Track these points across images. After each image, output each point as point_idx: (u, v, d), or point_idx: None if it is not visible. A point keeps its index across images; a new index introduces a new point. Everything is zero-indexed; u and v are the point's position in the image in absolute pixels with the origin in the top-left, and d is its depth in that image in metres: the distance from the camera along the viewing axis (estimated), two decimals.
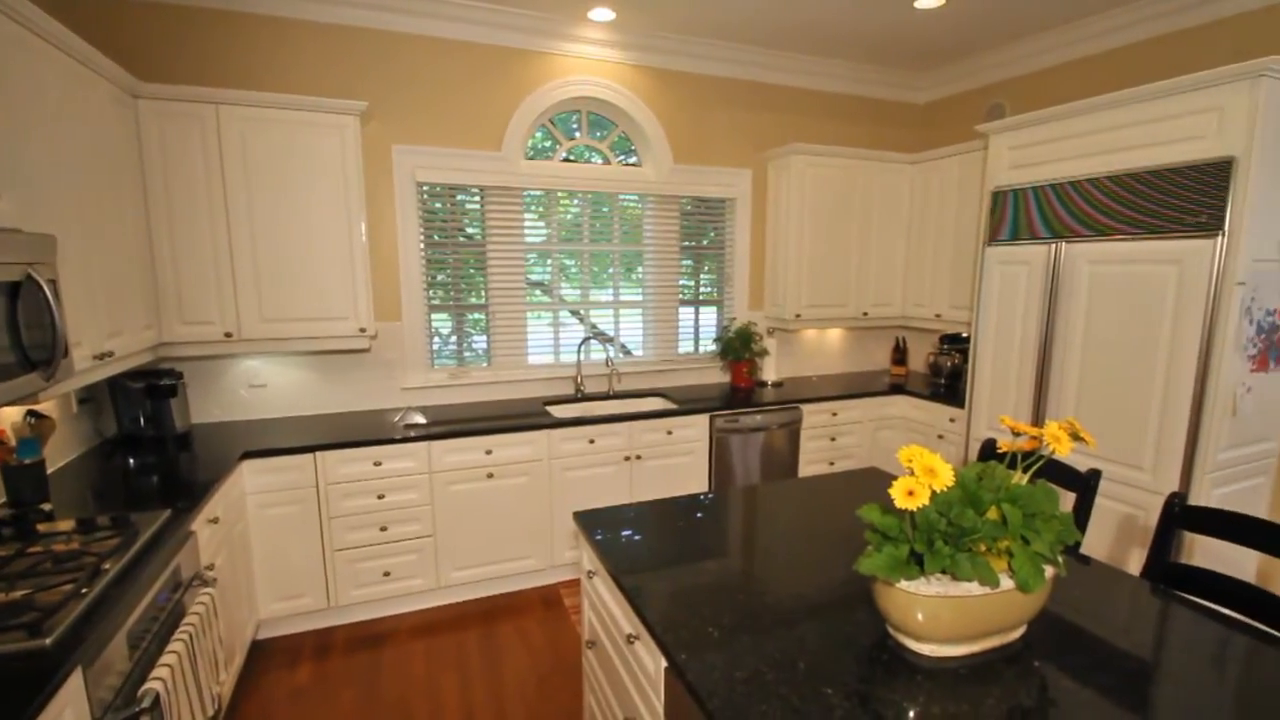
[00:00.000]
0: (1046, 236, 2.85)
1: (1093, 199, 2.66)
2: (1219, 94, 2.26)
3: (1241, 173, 2.22)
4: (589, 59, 3.45)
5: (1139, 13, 3.03)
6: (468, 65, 3.23)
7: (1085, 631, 1.31)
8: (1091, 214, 2.67)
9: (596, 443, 3.16)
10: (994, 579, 1.13)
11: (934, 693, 1.10)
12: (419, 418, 3.07)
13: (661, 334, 3.92)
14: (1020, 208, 2.96)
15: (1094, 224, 2.66)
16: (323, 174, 2.77)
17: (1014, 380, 3.07)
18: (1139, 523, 2.59)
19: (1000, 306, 3.11)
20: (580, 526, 1.82)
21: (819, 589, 1.46)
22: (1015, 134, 2.98)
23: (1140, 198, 2.50)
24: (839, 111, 4.15)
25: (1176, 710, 1.08)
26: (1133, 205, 2.52)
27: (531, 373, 3.57)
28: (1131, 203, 2.53)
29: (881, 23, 3.32)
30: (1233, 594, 1.48)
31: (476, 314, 3.50)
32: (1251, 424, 2.48)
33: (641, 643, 1.44)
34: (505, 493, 3.02)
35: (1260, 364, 2.42)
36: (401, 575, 2.89)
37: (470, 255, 3.42)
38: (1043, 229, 2.87)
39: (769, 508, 1.99)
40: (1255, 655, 1.25)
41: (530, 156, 3.51)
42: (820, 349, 4.35)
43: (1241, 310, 2.30)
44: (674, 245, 3.85)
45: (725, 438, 3.44)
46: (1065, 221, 2.77)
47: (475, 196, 3.38)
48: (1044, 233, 2.86)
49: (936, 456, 1.16)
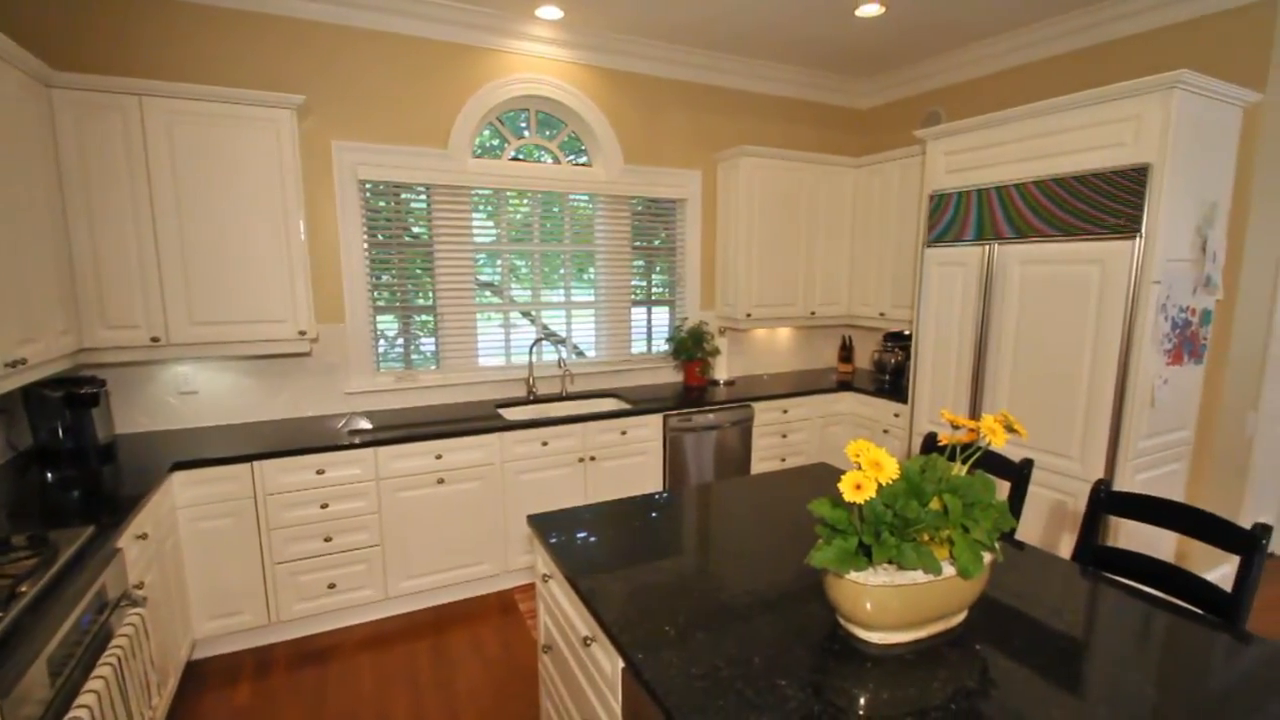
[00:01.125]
0: (981, 238, 2.98)
1: (1023, 202, 2.79)
2: (1136, 104, 2.41)
3: (1156, 178, 2.37)
4: (537, 57, 3.41)
5: (1065, 26, 3.21)
6: (411, 60, 3.15)
7: (1022, 614, 1.38)
8: (1022, 217, 2.80)
9: (550, 445, 3.13)
10: (937, 567, 1.17)
11: (883, 679, 1.14)
12: (364, 423, 2.98)
13: (614, 334, 3.92)
14: (956, 210, 3.09)
15: (1024, 226, 2.80)
16: (257, 170, 2.65)
17: (953, 376, 3.20)
18: (1068, 508, 2.74)
19: (939, 305, 3.24)
20: (535, 530, 1.80)
21: (772, 584, 1.49)
22: (951, 140, 3.11)
23: (1066, 201, 2.64)
24: (786, 115, 4.23)
25: (1105, 685, 1.14)
26: (1059, 209, 2.66)
27: (482, 375, 3.51)
28: (1058, 206, 2.67)
29: (824, 30, 3.41)
30: (1154, 574, 1.59)
31: (424, 315, 3.42)
32: (1168, 414, 2.65)
33: (598, 644, 1.43)
34: (457, 498, 2.96)
35: (1175, 358, 2.60)
36: (348, 587, 2.80)
37: (417, 255, 3.34)
38: (977, 231, 3.00)
39: (723, 505, 2.02)
40: (1174, 631, 1.33)
41: (478, 155, 3.45)
42: (770, 348, 4.43)
43: (1157, 307, 2.46)
44: (626, 246, 3.85)
45: (679, 437, 3.47)
46: (998, 224, 2.90)
47: (421, 195, 3.30)
48: (978, 234, 2.99)
49: (882, 451, 1.20)
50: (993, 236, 2.93)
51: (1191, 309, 2.61)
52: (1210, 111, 2.48)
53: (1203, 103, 2.43)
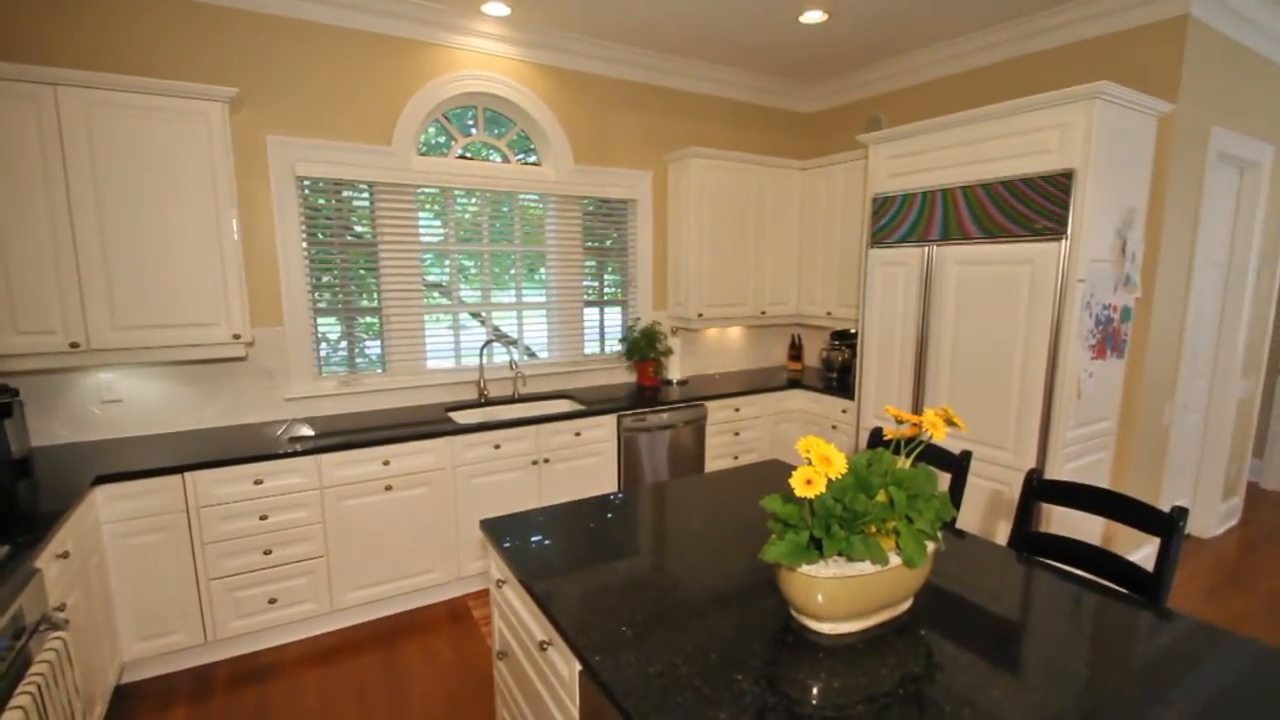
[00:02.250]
0: (920, 240, 3.09)
1: (959, 205, 2.91)
2: (1062, 113, 2.55)
3: (1080, 183, 2.51)
4: (485, 54, 3.36)
5: (996, 37, 3.36)
6: (352, 54, 3.05)
7: (963, 599, 1.43)
8: (958, 219, 2.92)
9: (502, 448, 3.08)
10: (884, 557, 1.21)
11: (834, 668, 1.17)
12: (306, 430, 2.87)
13: (566, 335, 3.89)
14: (898, 213, 3.19)
15: (961, 229, 2.92)
16: (186, 166, 2.51)
17: (896, 372, 3.31)
18: (1004, 497, 2.87)
19: (883, 304, 3.34)
20: (487, 535, 1.77)
21: (727, 579, 1.50)
22: (891, 145, 3.21)
23: (999, 205, 2.76)
24: (734, 118, 4.30)
25: (1041, 664, 1.20)
26: (993, 211, 2.79)
27: (431, 378, 3.43)
28: (992, 209, 2.79)
29: (770, 35, 3.47)
30: (1083, 557, 1.68)
31: (369, 317, 3.32)
32: (1093, 406, 2.81)
33: (555, 648, 1.42)
34: (405, 505, 2.88)
35: (1099, 352, 2.75)
36: (290, 601, 2.68)
37: (360, 255, 3.23)
38: (917, 233, 3.11)
39: (677, 504, 2.03)
40: (1102, 610, 1.41)
41: (423, 152, 3.37)
42: (722, 347, 4.49)
43: (1082, 305, 2.61)
44: (577, 246, 3.83)
45: (633, 437, 3.47)
46: (936, 226, 3.02)
47: (364, 193, 3.20)
48: (918, 236, 3.10)
49: (831, 446, 1.23)
50: (932, 238, 3.04)
51: (1113, 306, 2.78)
52: (1128, 120, 2.64)
53: (1121, 112, 2.58)
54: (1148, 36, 2.87)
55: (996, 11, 3.15)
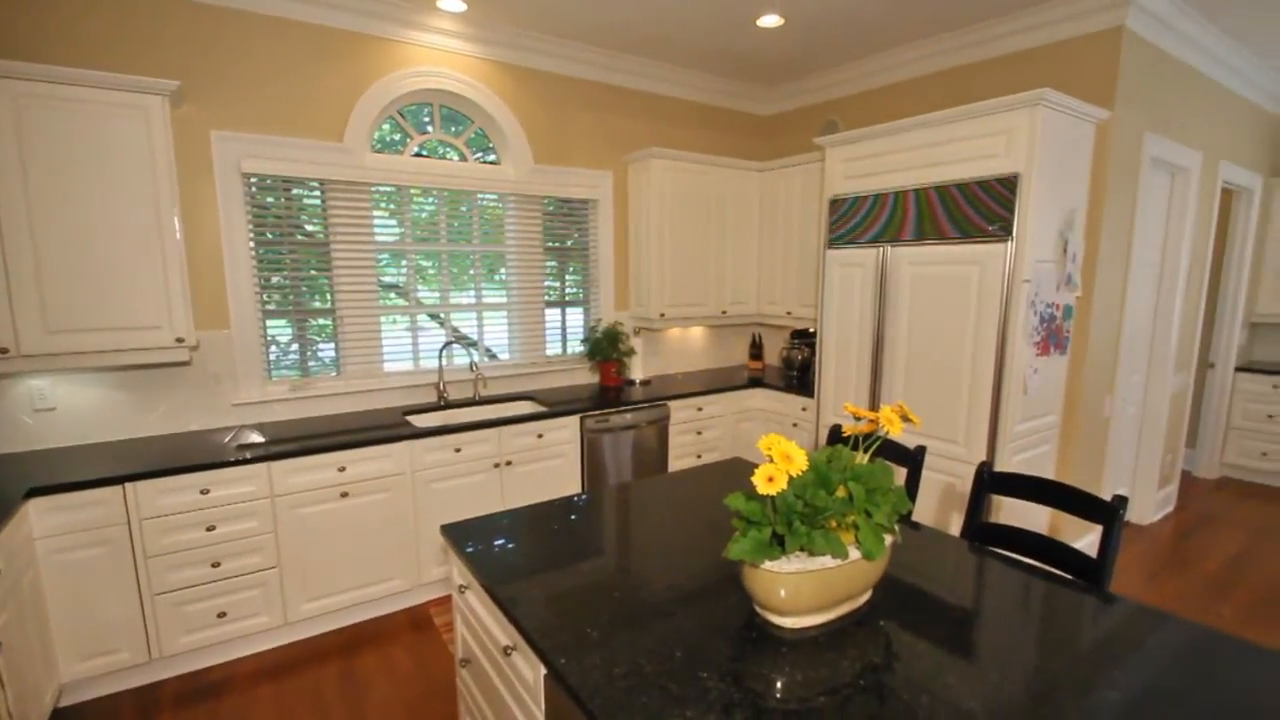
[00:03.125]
0: (876, 241, 3.17)
1: (912, 208, 2.99)
2: (1007, 118, 2.64)
3: (1025, 186, 2.61)
4: (441, 50, 3.30)
5: (945, 45, 3.47)
6: (301, 47, 2.96)
7: (919, 590, 1.47)
8: (911, 221, 3.00)
9: (463, 451, 3.03)
10: (844, 551, 1.23)
11: (797, 661, 1.18)
12: (255, 436, 2.77)
13: (528, 336, 3.85)
14: (854, 214, 3.27)
15: (913, 230, 3.00)
16: (125, 162, 2.39)
17: (854, 370, 3.38)
18: (957, 489, 2.96)
19: (840, 304, 3.41)
20: (449, 540, 1.74)
21: (692, 578, 1.51)
22: (847, 148, 3.28)
23: (950, 207, 2.85)
24: (695, 119, 4.32)
25: (993, 650, 1.24)
26: (943, 213, 2.87)
27: (388, 381, 3.35)
28: (942, 211, 2.88)
29: (728, 38, 3.51)
30: (1031, 545, 1.74)
31: (322, 319, 3.22)
32: (1039, 400, 2.93)
33: (519, 653, 1.40)
34: (363, 511, 2.80)
35: (1043, 349, 2.87)
36: (241, 614, 2.58)
37: (311, 255, 3.14)
38: (872, 234, 3.18)
39: (642, 504, 2.03)
40: (1050, 596, 1.47)
41: (377, 149, 3.29)
42: (684, 347, 4.51)
43: (1028, 304, 2.71)
44: (537, 246, 3.80)
45: (596, 438, 3.46)
46: (890, 227, 3.10)
47: (315, 191, 3.10)
48: (874, 237, 3.18)
49: (792, 444, 1.24)
50: (886, 239, 3.12)
51: (1056, 305, 2.90)
52: (1068, 127, 2.76)
53: (1062, 119, 2.70)
54: (1086, 47, 3.00)
55: (943, 20, 3.25)
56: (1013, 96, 2.59)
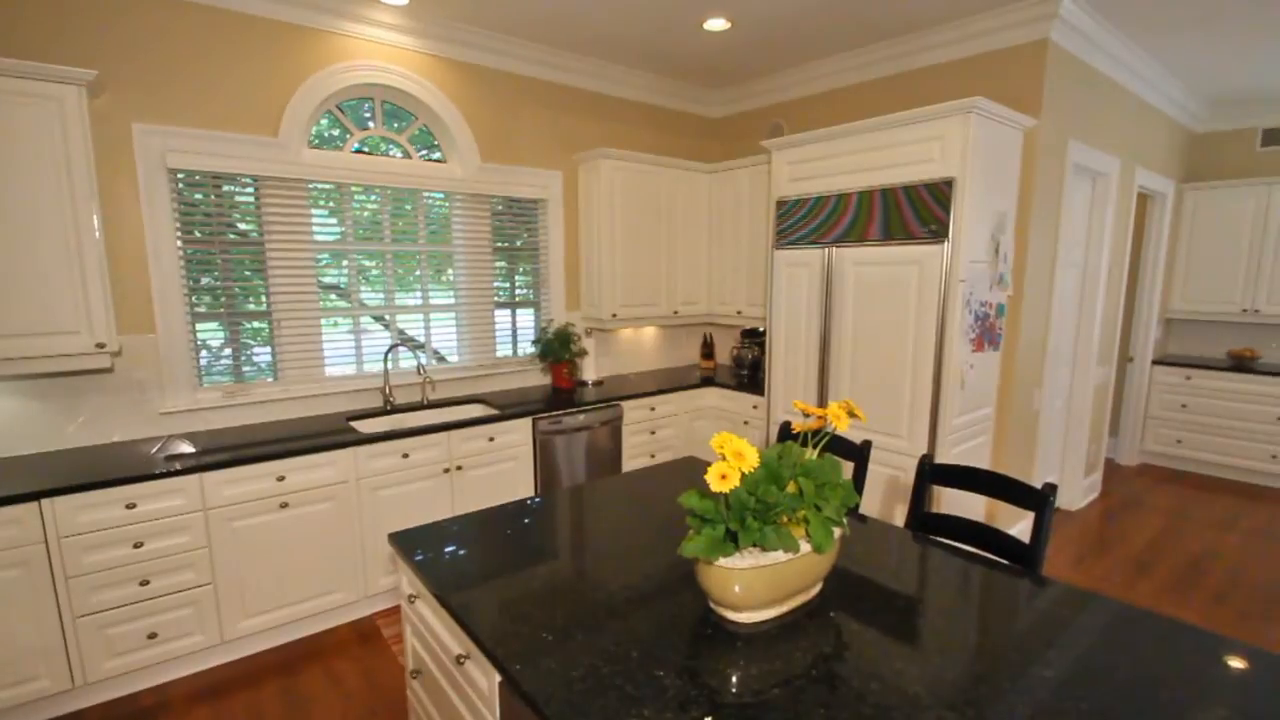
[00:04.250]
0: (821, 242, 3.25)
1: (855, 210, 3.08)
2: (942, 125, 2.75)
3: (959, 190, 2.72)
4: (382, 43, 3.20)
5: (884, 53, 3.58)
6: (232, 37, 2.82)
7: (867, 580, 1.51)
8: (854, 223, 3.09)
9: (411, 456, 2.95)
10: (795, 545, 1.26)
11: (752, 655, 1.20)
12: (185, 446, 2.62)
13: (477, 338, 3.78)
14: (800, 216, 3.34)
15: (857, 231, 3.09)
16: (35, 156, 2.23)
17: (802, 368, 3.46)
18: (901, 482, 3.06)
19: (788, 303, 3.48)
20: (397, 548, 1.69)
21: (647, 577, 1.51)
22: (792, 151, 3.35)
23: (890, 209, 2.95)
24: (644, 120, 4.34)
25: (937, 635, 1.29)
26: (885, 215, 2.97)
27: (330, 386, 3.23)
28: (883, 214, 2.97)
29: (675, 40, 3.53)
30: (970, 533, 1.82)
31: (257, 322, 3.08)
32: (975, 394, 3.06)
33: (472, 661, 1.37)
34: (304, 522, 2.69)
35: (978, 345, 3.00)
36: (173, 634, 2.44)
37: (245, 255, 3.00)
38: (818, 235, 3.26)
39: (596, 505, 2.02)
40: (988, 581, 1.54)
41: (315, 145, 3.17)
42: (636, 347, 4.52)
43: (963, 303, 2.83)
44: (486, 246, 3.74)
45: (549, 440, 3.43)
46: (835, 228, 3.18)
47: (248, 188, 2.96)
48: (819, 238, 3.26)
49: (744, 441, 1.26)
50: (831, 240, 3.20)
51: (989, 304, 3.03)
52: (999, 133, 2.89)
53: (993, 126, 2.83)
54: (1014, 58, 3.15)
55: (880, 29, 3.36)
56: (947, 104, 2.70)
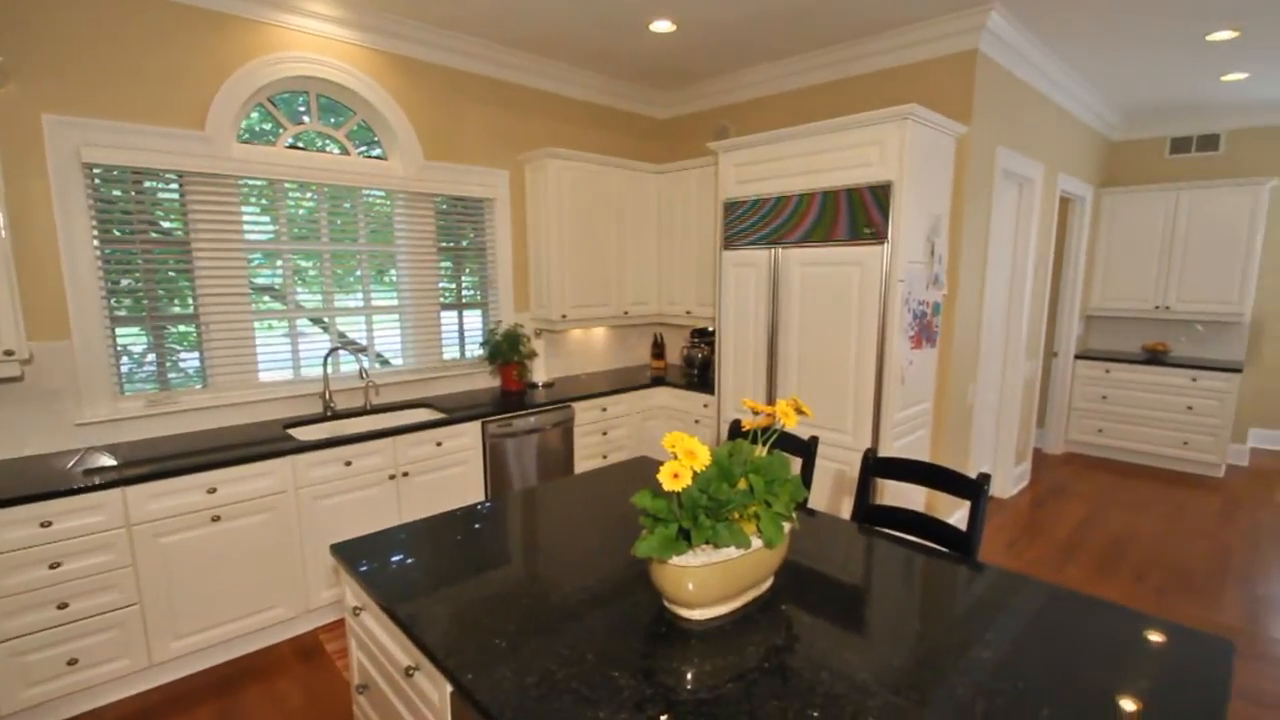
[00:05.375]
0: (768, 242, 3.31)
1: (800, 211, 3.15)
2: (880, 130, 2.85)
3: (897, 193, 2.82)
4: (317, 35, 3.08)
5: (825, 59, 3.68)
6: (155, 24, 2.66)
7: (816, 572, 1.55)
8: (800, 224, 3.16)
9: (354, 464, 2.85)
10: (746, 541, 1.27)
11: (706, 651, 1.21)
12: (106, 459, 2.46)
13: (423, 340, 3.69)
14: (746, 217, 3.39)
15: (802, 232, 3.16)
16: None
17: (751, 366, 3.51)
18: (847, 475, 3.15)
19: (737, 303, 3.54)
20: (340, 560, 1.63)
21: (602, 579, 1.50)
22: (739, 153, 3.41)
23: (833, 211, 3.03)
24: (592, 120, 4.32)
25: (883, 623, 1.33)
26: (828, 217, 3.05)
27: (265, 392, 3.09)
28: (827, 215, 3.05)
29: (622, 40, 3.53)
30: (912, 523, 1.88)
31: (183, 326, 2.91)
32: (914, 390, 3.18)
33: (422, 673, 1.34)
34: (239, 536, 2.56)
35: (916, 343, 3.12)
36: (96, 660, 2.28)
37: (169, 255, 2.83)
38: (764, 235, 3.32)
39: (549, 508, 2.00)
40: (929, 569, 1.60)
41: (245, 139, 3.02)
42: (587, 348, 4.50)
43: (902, 302, 2.94)
44: (431, 246, 3.64)
45: (500, 443, 3.37)
46: (781, 230, 3.25)
47: (172, 184, 2.80)
48: (765, 239, 3.32)
49: (695, 440, 1.27)
50: (777, 241, 3.27)
51: (926, 302, 3.16)
52: (933, 139, 3.01)
53: (928, 132, 2.94)
54: (947, 67, 3.29)
55: (819, 37, 3.45)
56: (884, 110, 2.80)
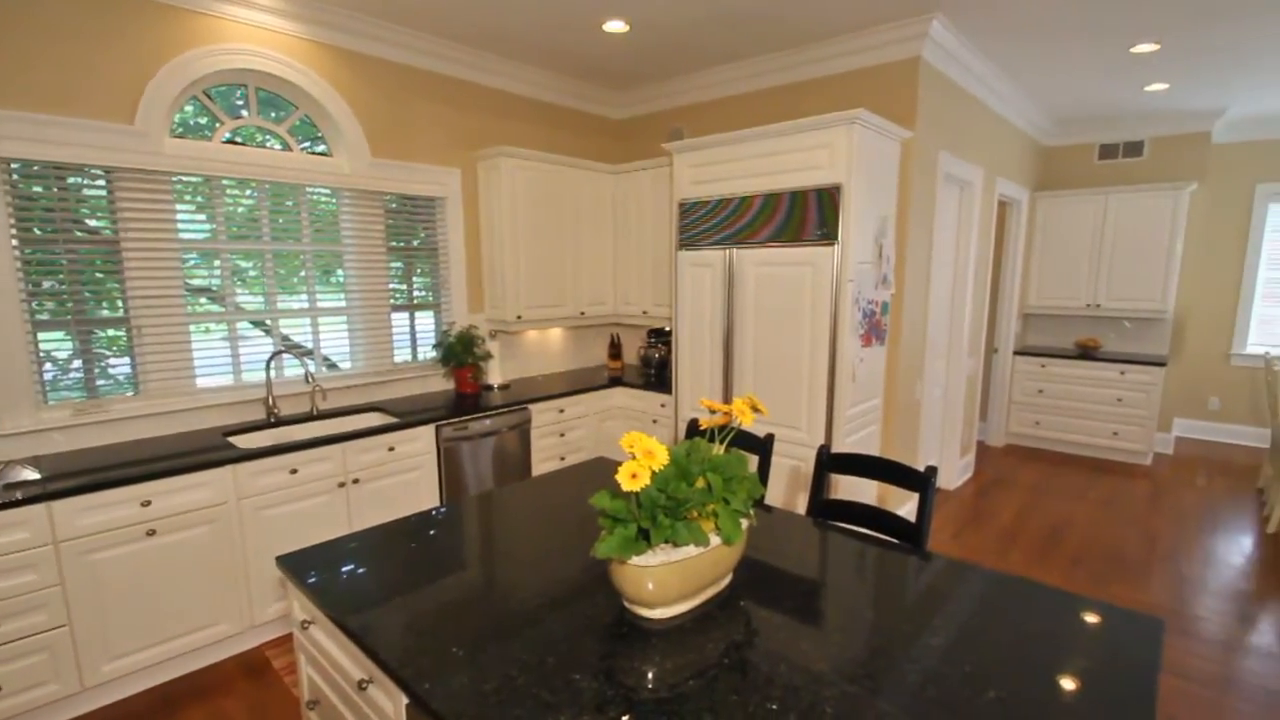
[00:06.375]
0: (723, 242, 3.35)
1: (754, 212, 3.20)
2: (829, 134, 2.91)
3: (846, 195, 2.89)
4: (257, 26, 2.96)
5: (775, 63, 3.74)
6: (81, 11, 2.50)
7: (773, 567, 1.57)
8: (753, 225, 3.21)
9: (301, 472, 2.75)
10: (705, 539, 1.28)
11: (667, 650, 1.21)
12: (28, 473, 2.30)
13: (373, 343, 3.58)
14: (701, 217, 3.42)
15: (755, 233, 3.21)
16: None
17: (708, 365, 3.55)
18: (802, 471, 3.22)
19: (693, 303, 3.56)
20: (287, 572, 1.56)
21: (561, 582, 1.49)
22: (693, 154, 3.43)
23: (785, 212, 3.08)
24: (547, 119, 4.28)
25: (838, 614, 1.36)
26: (781, 218, 3.10)
27: (203, 398, 2.95)
28: (779, 217, 3.11)
29: (575, 40, 3.51)
30: (864, 516, 1.93)
31: (113, 330, 2.76)
32: (865, 387, 3.26)
33: (376, 685, 1.30)
34: (177, 550, 2.44)
35: (866, 341, 3.20)
36: (22, 685, 2.14)
37: (96, 255, 2.67)
38: (719, 236, 3.36)
39: (506, 512, 1.97)
40: (881, 560, 1.64)
41: (179, 134, 2.88)
42: (543, 349, 4.46)
43: (853, 301, 3.01)
44: (380, 246, 3.55)
45: (455, 447, 3.31)
46: (735, 230, 3.29)
47: (99, 180, 2.65)
48: (720, 239, 3.36)
49: (653, 440, 1.27)
50: (732, 242, 3.31)
51: (875, 302, 3.25)
52: (880, 143, 3.10)
53: (874, 136, 3.02)
54: (892, 73, 3.39)
55: (769, 41, 3.51)
56: (833, 115, 2.86)
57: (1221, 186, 5.56)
